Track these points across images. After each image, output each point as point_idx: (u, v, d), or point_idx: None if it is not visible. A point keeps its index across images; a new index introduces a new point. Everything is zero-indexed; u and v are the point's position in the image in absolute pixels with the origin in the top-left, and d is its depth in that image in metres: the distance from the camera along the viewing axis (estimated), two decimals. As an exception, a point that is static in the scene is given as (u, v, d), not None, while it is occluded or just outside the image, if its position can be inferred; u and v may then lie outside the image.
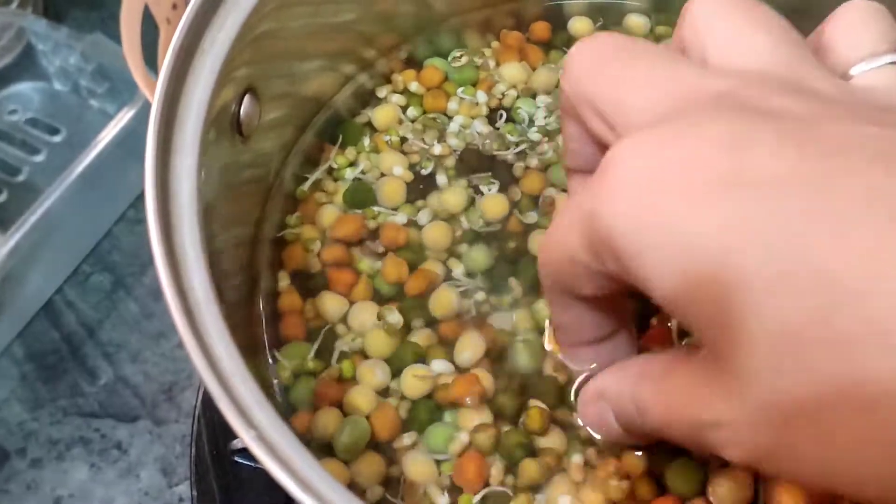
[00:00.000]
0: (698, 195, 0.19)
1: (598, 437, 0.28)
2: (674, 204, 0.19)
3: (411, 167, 0.36)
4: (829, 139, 0.19)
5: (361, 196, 0.35)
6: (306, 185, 0.36)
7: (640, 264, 0.20)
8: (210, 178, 0.28)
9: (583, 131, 0.25)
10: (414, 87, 0.38)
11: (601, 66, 0.23)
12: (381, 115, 0.37)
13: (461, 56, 0.38)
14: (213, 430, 0.37)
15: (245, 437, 0.22)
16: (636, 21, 0.39)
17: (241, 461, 0.35)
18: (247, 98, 0.30)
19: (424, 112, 0.37)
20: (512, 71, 0.38)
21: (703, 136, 0.19)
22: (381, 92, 0.38)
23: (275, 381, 0.32)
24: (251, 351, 0.32)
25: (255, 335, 0.32)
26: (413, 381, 0.31)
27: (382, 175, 0.36)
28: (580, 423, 0.29)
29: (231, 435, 0.36)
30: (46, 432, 0.47)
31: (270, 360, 0.32)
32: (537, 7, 0.40)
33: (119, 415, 0.47)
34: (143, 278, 0.51)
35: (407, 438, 0.30)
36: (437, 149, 0.36)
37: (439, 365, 0.31)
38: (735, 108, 0.20)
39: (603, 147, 0.23)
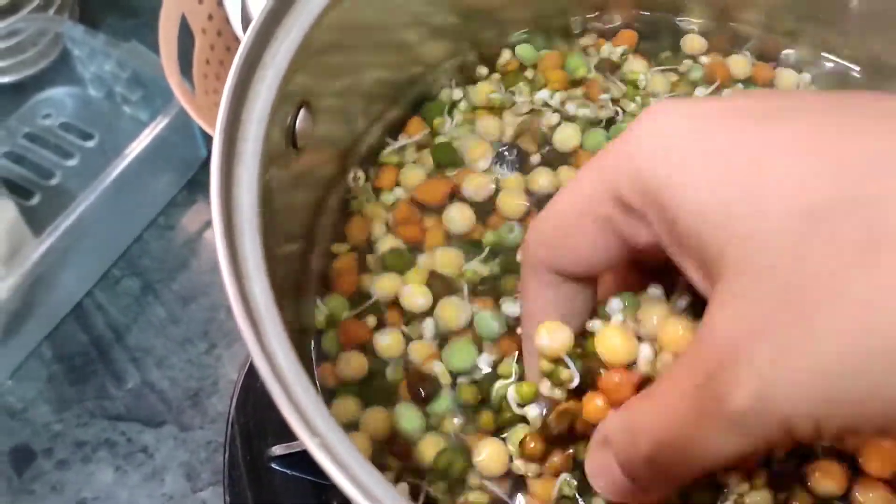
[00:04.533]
0: (730, 126, 0.21)
1: (604, 497, 0.26)
2: (710, 134, 0.21)
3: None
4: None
5: None
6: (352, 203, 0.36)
7: (676, 187, 0.21)
8: (266, 190, 0.28)
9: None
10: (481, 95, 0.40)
11: None
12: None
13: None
14: (247, 436, 0.38)
15: (309, 445, 0.22)
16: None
17: (277, 468, 0.35)
18: (302, 111, 0.31)
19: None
20: None
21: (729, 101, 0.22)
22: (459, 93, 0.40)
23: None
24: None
25: (301, 343, 0.33)
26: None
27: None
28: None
29: (267, 441, 0.36)
30: (73, 434, 0.47)
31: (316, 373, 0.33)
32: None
33: (145, 419, 0.48)
34: (172, 284, 0.52)
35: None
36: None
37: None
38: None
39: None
